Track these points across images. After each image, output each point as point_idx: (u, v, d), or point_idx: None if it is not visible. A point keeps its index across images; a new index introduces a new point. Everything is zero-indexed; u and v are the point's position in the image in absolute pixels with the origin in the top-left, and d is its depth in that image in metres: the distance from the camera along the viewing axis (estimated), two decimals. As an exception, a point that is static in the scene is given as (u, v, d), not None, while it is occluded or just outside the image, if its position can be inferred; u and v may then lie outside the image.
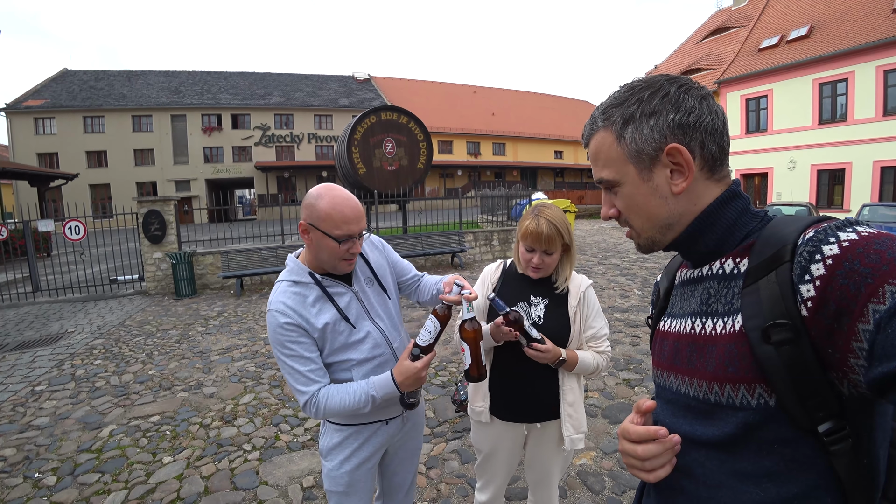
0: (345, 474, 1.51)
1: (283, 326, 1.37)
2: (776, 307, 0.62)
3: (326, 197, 1.37)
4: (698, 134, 0.73)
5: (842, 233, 0.60)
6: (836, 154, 16.84)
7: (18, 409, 4.03)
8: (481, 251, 11.73)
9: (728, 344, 0.68)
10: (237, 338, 5.89)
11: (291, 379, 1.40)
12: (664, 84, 0.74)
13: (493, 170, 39.98)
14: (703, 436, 0.72)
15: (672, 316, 0.86)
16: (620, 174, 0.78)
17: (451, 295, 1.43)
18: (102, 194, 32.02)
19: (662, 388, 0.84)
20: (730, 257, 0.74)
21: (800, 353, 0.60)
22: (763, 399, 0.64)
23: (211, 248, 9.95)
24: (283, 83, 38.82)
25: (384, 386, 1.40)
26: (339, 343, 1.45)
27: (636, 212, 0.80)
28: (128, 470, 3.04)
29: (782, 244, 0.65)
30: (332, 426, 1.53)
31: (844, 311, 0.56)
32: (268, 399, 4.03)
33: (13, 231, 11.36)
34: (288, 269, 1.48)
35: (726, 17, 24.10)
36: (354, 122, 11.10)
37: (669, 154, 0.73)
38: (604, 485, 2.73)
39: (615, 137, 0.77)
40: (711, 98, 0.75)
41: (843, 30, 16.91)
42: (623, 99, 0.77)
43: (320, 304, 1.43)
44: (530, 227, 1.65)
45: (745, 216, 0.75)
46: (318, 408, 1.39)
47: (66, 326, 6.86)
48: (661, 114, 0.73)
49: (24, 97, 31.75)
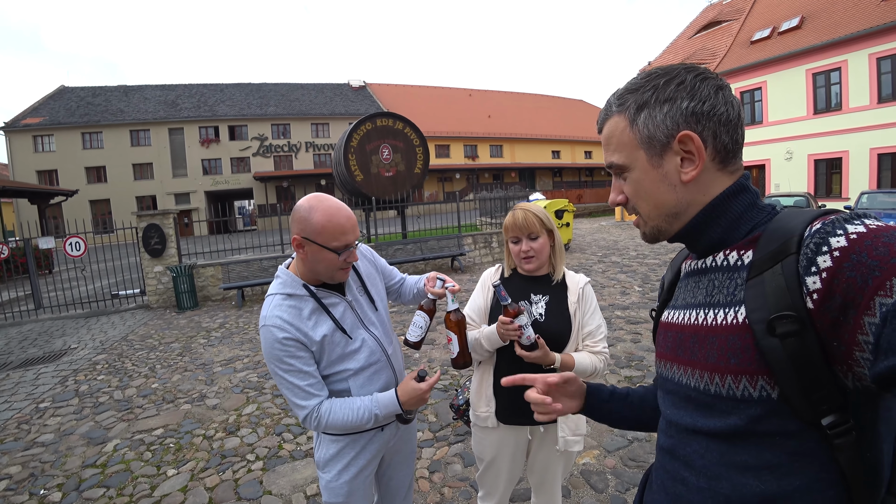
0: (343, 485, 1.50)
1: (281, 342, 1.35)
2: (781, 299, 0.62)
3: (319, 209, 1.34)
4: (712, 123, 0.72)
5: (850, 225, 0.59)
6: (832, 143, 16.82)
7: (23, 426, 4.05)
8: (481, 254, 11.74)
9: (730, 335, 0.68)
10: (239, 349, 5.90)
11: (290, 394, 1.38)
12: (681, 72, 0.74)
13: (491, 172, 40.04)
14: (704, 427, 0.72)
15: (675, 307, 0.85)
16: (630, 159, 0.78)
17: (436, 288, 1.55)
18: (102, 209, 32.14)
19: (664, 380, 0.84)
20: (735, 249, 0.73)
21: (805, 345, 0.60)
22: (765, 391, 0.64)
23: (211, 259, 9.97)
24: (279, 93, 38.97)
25: (388, 405, 1.42)
26: (336, 354, 1.44)
27: (644, 198, 0.80)
28: (132, 484, 3.05)
29: (788, 236, 0.64)
30: (328, 437, 1.52)
31: (851, 304, 0.56)
32: (270, 409, 4.04)
33: (14, 249, 11.39)
34: (280, 282, 1.45)
35: (718, 11, 24.15)
36: (350, 129, 11.13)
37: (681, 141, 0.73)
38: (607, 483, 2.74)
39: (628, 122, 0.77)
40: (728, 89, 0.74)
41: (834, 19, 16.93)
42: (639, 85, 0.77)
43: (316, 317, 1.42)
44: (507, 220, 1.75)
45: (752, 210, 0.75)
46: (319, 422, 1.38)
47: (68, 342, 6.88)
48: (675, 101, 0.73)
49: (22, 115, 31.93)
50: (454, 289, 1.53)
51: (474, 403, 1.83)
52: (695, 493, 0.74)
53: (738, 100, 0.76)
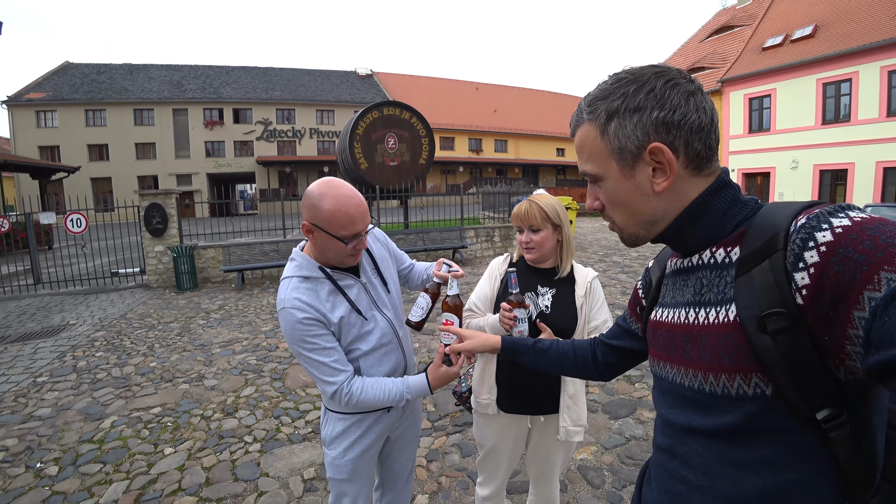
0: (348, 462, 1.52)
1: (303, 322, 1.35)
2: (771, 296, 0.62)
3: (329, 197, 1.33)
4: (683, 132, 0.71)
5: (834, 218, 0.59)
6: (839, 154, 16.79)
7: (20, 399, 4.04)
8: (482, 247, 11.74)
9: (723, 334, 0.69)
10: (238, 331, 5.89)
11: (317, 372, 1.39)
12: (651, 78, 0.72)
13: (494, 166, 39.95)
14: (701, 426, 0.72)
15: (664, 305, 0.86)
16: (603, 169, 0.78)
17: (442, 272, 1.62)
18: (104, 188, 32.00)
19: (659, 379, 0.85)
20: (721, 247, 0.74)
21: (796, 341, 0.60)
22: (760, 388, 0.65)
23: (212, 241, 9.95)
24: (285, 78, 38.74)
25: (419, 390, 1.47)
26: (352, 335, 1.45)
27: (619, 207, 0.80)
28: (129, 460, 3.05)
29: (774, 232, 0.64)
30: (335, 415, 1.54)
31: (840, 299, 0.56)
32: (269, 392, 4.04)
33: (15, 224, 11.36)
34: (296, 265, 1.45)
35: (730, 15, 24.01)
36: (357, 117, 11.08)
37: (652, 153, 0.72)
38: (604, 479, 2.74)
39: (599, 132, 0.76)
40: (700, 94, 0.73)
41: (848, 30, 16.85)
42: (609, 92, 0.75)
43: (333, 298, 1.43)
44: (515, 210, 1.76)
45: (735, 206, 0.74)
46: (350, 398, 1.40)
47: (67, 318, 6.87)
48: (644, 111, 0.71)
49: (25, 90, 31.71)
50: (457, 274, 1.56)
51: (476, 391, 1.85)
52: (696, 491, 0.74)
53: (711, 103, 0.74)
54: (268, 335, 5.67)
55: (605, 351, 1.11)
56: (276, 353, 5.00)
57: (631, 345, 1.05)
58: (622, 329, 1.08)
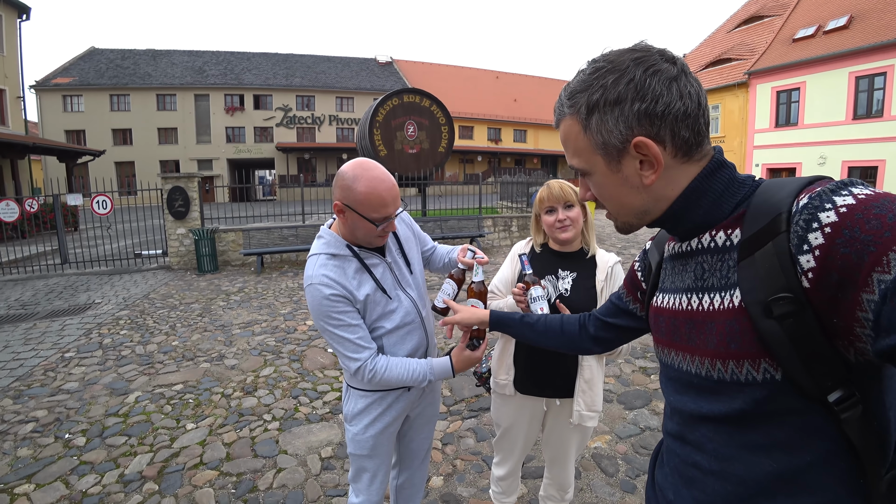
0: (369, 438, 1.55)
1: (329, 298, 1.37)
2: (776, 280, 0.60)
3: (363, 179, 1.33)
4: (668, 122, 0.68)
5: (838, 197, 0.57)
6: (869, 151, 16.28)
7: (49, 373, 4.18)
8: (500, 237, 11.71)
9: (728, 320, 0.67)
10: (258, 313, 5.99)
11: (341, 348, 1.42)
12: (630, 67, 0.68)
13: (513, 157, 39.70)
14: (710, 412, 0.72)
15: (665, 291, 0.84)
16: (589, 164, 0.77)
17: (467, 258, 1.63)
18: (127, 171, 32.57)
19: (665, 366, 0.84)
20: (720, 229, 0.72)
21: (804, 325, 0.59)
22: (769, 373, 0.64)
23: (233, 225, 10.09)
24: (305, 64, 38.86)
25: (442, 371, 1.50)
26: (377, 313, 1.48)
27: (609, 200, 0.79)
28: (153, 434, 3.15)
29: (776, 213, 0.62)
30: (357, 392, 1.56)
31: (848, 281, 0.54)
32: (287, 372, 4.11)
33: (43, 205, 11.66)
34: (324, 242, 1.46)
35: (761, 5, 23.27)
36: (377, 103, 11.08)
37: (637, 147, 0.70)
38: (618, 468, 2.74)
39: (581, 127, 0.74)
40: (684, 77, 0.69)
41: (885, 21, 16.22)
42: (588, 84, 0.72)
43: (359, 276, 1.45)
44: (542, 193, 1.77)
45: (732, 186, 0.72)
46: (374, 375, 1.42)
47: (93, 297, 7.06)
48: (625, 103, 0.68)
49: (52, 74, 32.33)
50: (482, 260, 1.58)
51: (495, 371, 1.88)
52: (709, 475, 0.74)
53: (697, 83, 0.70)
54: (286, 318, 5.76)
55: (599, 325, 1.10)
56: (295, 336, 5.08)
57: (627, 323, 1.04)
58: (617, 308, 1.06)
